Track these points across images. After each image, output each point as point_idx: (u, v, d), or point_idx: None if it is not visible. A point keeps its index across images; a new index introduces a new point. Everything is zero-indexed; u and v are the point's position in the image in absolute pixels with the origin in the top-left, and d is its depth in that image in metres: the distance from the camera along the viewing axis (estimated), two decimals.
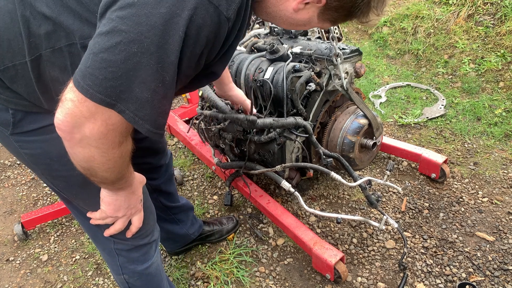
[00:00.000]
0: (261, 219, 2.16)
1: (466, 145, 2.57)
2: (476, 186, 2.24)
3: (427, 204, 2.15)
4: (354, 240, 1.98)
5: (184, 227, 1.85)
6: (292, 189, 1.84)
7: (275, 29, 2.14)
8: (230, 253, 1.97)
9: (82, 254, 2.09)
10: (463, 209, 2.10)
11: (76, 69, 0.75)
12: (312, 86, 1.78)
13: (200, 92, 2.01)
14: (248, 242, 2.04)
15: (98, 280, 1.93)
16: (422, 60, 3.63)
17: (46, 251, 2.13)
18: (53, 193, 2.57)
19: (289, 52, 1.85)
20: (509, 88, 3.01)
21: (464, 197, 2.17)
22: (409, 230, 2.01)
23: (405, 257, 1.86)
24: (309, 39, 2.00)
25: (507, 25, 3.32)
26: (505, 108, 2.83)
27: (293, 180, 1.97)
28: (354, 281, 1.79)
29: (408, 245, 1.93)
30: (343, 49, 1.78)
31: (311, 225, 2.09)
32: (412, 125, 2.83)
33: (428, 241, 1.94)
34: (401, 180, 2.35)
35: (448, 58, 3.50)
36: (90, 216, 1.07)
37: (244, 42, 2.14)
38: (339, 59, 1.73)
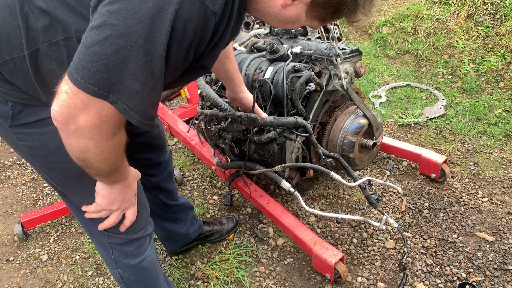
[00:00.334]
0: (261, 219, 2.17)
1: (466, 145, 2.57)
2: (476, 186, 2.24)
3: (427, 204, 2.15)
4: (354, 240, 1.99)
5: (184, 227, 1.85)
6: (292, 189, 1.84)
7: (275, 29, 2.14)
8: (230, 253, 1.97)
9: (82, 254, 2.09)
10: (463, 209, 2.10)
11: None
12: (312, 86, 1.78)
13: (199, 91, 2.01)
14: (248, 242, 2.04)
15: (98, 280, 1.93)
16: (422, 60, 3.63)
17: (46, 251, 2.13)
18: (53, 193, 2.57)
19: (289, 52, 1.85)
20: (509, 88, 3.01)
21: (464, 197, 2.17)
22: (409, 230, 2.01)
23: (405, 257, 1.87)
24: (309, 39, 2.00)
25: (507, 25, 3.32)
26: (505, 108, 2.83)
27: (293, 180, 1.97)
28: (354, 281, 1.79)
29: (408, 245, 1.93)
30: (343, 49, 1.78)
31: (311, 225, 2.09)
32: (412, 125, 2.83)
33: (428, 241, 1.94)
34: (401, 180, 2.35)
35: (448, 58, 3.50)
36: (85, 210, 1.09)
37: (244, 42, 2.14)
38: (339, 59, 1.73)
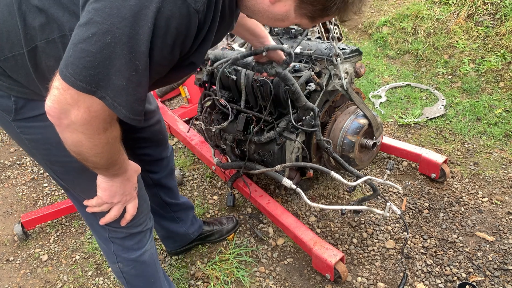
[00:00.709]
0: (261, 219, 2.16)
1: (466, 145, 2.57)
2: (476, 186, 2.24)
3: (427, 204, 2.15)
4: (354, 240, 1.99)
5: (184, 226, 1.85)
6: (294, 186, 1.84)
7: (275, 29, 2.14)
8: (230, 253, 1.97)
9: (82, 254, 2.09)
10: (463, 209, 2.10)
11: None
12: (312, 86, 1.78)
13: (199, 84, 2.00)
14: (248, 242, 2.04)
15: (98, 280, 1.93)
16: (422, 60, 3.63)
17: (46, 251, 2.13)
18: (53, 193, 2.57)
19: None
20: (509, 88, 3.01)
21: (464, 197, 2.17)
22: (409, 230, 2.01)
23: (406, 246, 1.87)
24: (309, 39, 2.00)
25: (507, 25, 3.32)
26: (505, 108, 2.83)
27: (293, 180, 1.97)
28: (354, 281, 1.79)
29: (408, 245, 1.93)
30: (343, 49, 1.78)
31: (311, 225, 2.09)
32: (412, 125, 2.83)
33: (428, 241, 1.94)
34: (401, 180, 2.35)
35: (448, 58, 3.50)
36: (87, 204, 1.11)
37: (244, 43, 2.14)
38: (339, 59, 1.73)
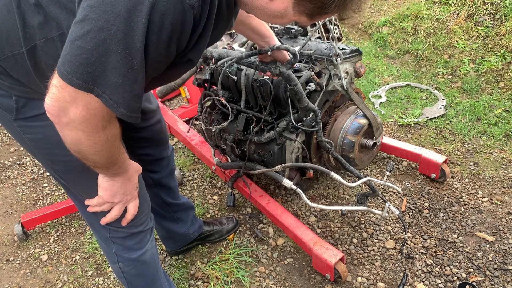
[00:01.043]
0: (261, 219, 2.16)
1: (466, 145, 2.57)
2: (476, 186, 2.24)
3: (427, 204, 2.15)
4: (354, 240, 1.99)
5: (184, 226, 1.85)
6: (294, 186, 1.84)
7: (275, 29, 2.14)
8: (230, 253, 1.97)
9: (82, 254, 2.09)
10: (463, 209, 2.10)
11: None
12: (312, 86, 1.78)
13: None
14: (248, 242, 2.04)
15: (98, 280, 1.93)
16: (422, 60, 3.63)
17: (46, 251, 2.13)
18: (53, 193, 2.57)
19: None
20: (509, 88, 3.01)
21: (464, 197, 2.17)
22: (409, 230, 2.01)
23: (406, 246, 1.87)
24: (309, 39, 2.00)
25: (507, 25, 3.32)
26: (505, 108, 2.83)
27: (293, 180, 1.97)
28: (354, 281, 1.79)
29: (408, 245, 1.93)
30: (343, 49, 1.78)
31: (311, 225, 2.09)
32: (412, 125, 2.83)
33: (428, 241, 1.94)
34: (401, 180, 2.35)
35: (448, 58, 3.50)
36: (88, 204, 1.11)
37: (244, 43, 2.14)
38: (339, 59, 1.73)
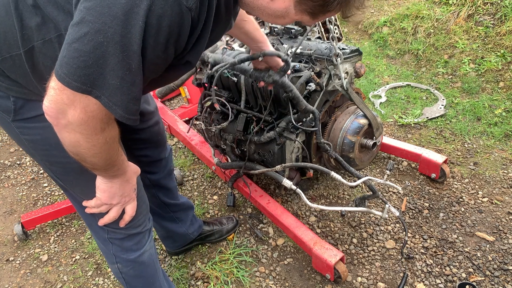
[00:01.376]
0: (261, 219, 2.16)
1: (466, 145, 2.57)
2: (476, 186, 2.24)
3: (427, 204, 2.15)
4: (354, 240, 1.99)
5: (184, 226, 1.85)
6: (294, 186, 1.84)
7: (275, 29, 2.14)
8: (230, 253, 1.97)
9: (82, 254, 2.09)
10: (463, 209, 2.10)
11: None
12: (312, 86, 1.78)
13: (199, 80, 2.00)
14: (248, 242, 2.04)
15: (98, 280, 1.93)
16: (422, 60, 3.63)
17: (46, 251, 2.13)
18: (53, 193, 2.57)
19: (289, 52, 1.85)
20: (509, 88, 3.01)
21: (464, 197, 2.17)
22: (409, 230, 2.01)
23: (406, 246, 1.88)
24: (309, 39, 2.00)
25: (507, 25, 3.31)
26: (505, 108, 2.83)
27: (293, 180, 1.97)
28: (354, 281, 1.79)
29: (408, 245, 1.93)
30: (343, 49, 1.78)
31: (311, 225, 2.09)
32: (412, 125, 2.83)
33: (428, 241, 1.94)
34: (401, 180, 2.35)
35: (448, 58, 3.50)
36: (86, 205, 1.11)
37: None
38: (339, 59, 1.73)
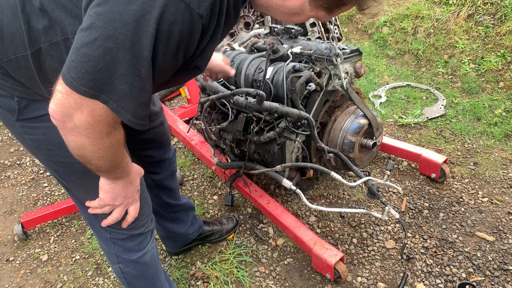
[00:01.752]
0: (261, 219, 2.16)
1: (466, 145, 2.57)
2: (476, 186, 2.24)
3: (427, 204, 2.15)
4: (354, 240, 1.99)
5: (184, 226, 1.85)
6: (294, 187, 1.84)
7: (275, 29, 2.14)
8: (230, 253, 1.97)
9: (82, 254, 2.09)
10: (463, 209, 2.10)
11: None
12: (312, 86, 1.78)
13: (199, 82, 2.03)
14: (248, 242, 2.04)
15: (98, 280, 1.93)
16: (422, 60, 3.63)
17: (46, 251, 2.13)
18: (53, 193, 2.57)
19: (289, 52, 1.85)
20: (509, 88, 3.01)
21: (464, 197, 2.17)
22: (409, 230, 2.01)
23: (406, 246, 1.87)
24: (309, 39, 2.00)
25: (507, 25, 3.32)
26: (505, 108, 2.83)
27: (293, 180, 1.97)
28: (354, 281, 1.79)
29: (408, 245, 1.93)
30: (343, 49, 1.78)
31: (311, 225, 2.09)
32: (412, 125, 2.83)
33: (428, 241, 1.94)
34: (401, 180, 2.35)
35: (448, 58, 3.50)
36: (89, 205, 1.11)
37: (244, 42, 2.14)
38: (339, 59, 1.73)
